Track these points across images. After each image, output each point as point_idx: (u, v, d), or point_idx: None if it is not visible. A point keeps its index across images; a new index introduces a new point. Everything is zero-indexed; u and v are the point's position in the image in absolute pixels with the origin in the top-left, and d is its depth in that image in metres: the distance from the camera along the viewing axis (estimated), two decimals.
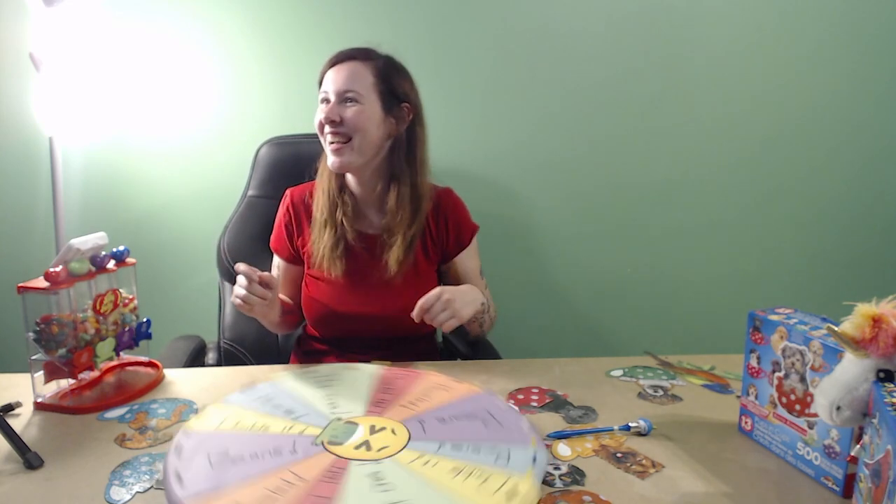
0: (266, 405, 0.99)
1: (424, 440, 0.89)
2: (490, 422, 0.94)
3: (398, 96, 1.30)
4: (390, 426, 0.93)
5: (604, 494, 0.81)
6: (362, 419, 0.95)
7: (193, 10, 1.79)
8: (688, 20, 1.86)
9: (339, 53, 1.31)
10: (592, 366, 1.22)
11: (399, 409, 0.98)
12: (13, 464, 0.86)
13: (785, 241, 2.02)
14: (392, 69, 1.32)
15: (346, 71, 1.28)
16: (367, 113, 1.26)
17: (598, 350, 2.03)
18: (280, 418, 0.95)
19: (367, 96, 1.27)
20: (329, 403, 1.00)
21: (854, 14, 1.88)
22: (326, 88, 1.29)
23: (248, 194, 1.61)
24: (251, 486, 0.79)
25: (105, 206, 1.87)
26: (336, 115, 1.25)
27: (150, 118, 1.84)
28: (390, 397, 1.02)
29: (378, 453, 0.86)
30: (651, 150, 1.94)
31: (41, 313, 1.02)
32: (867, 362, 0.72)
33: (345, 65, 1.29)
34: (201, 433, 0.90)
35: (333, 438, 0.90)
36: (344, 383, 1.07)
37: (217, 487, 0.78)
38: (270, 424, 0.93)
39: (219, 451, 0.86)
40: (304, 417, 0.96)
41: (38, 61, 1.68)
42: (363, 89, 1.26)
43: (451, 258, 1.39)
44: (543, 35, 1.86)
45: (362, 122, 1.25)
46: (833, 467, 0.82)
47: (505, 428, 0.93)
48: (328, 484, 0.79)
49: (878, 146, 1.98)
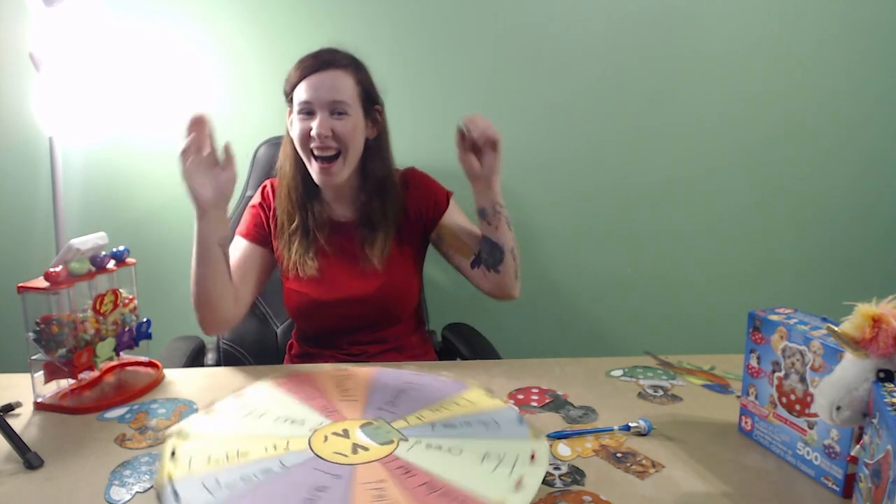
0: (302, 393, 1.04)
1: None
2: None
3: (373, 100, 1.29)
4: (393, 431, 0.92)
5: (604, 494, 0.81)
6: (342, 424, 0.93)
7: (193, 10, 1.79)
8: (688, 20, 1.86)
9: (315, 60, 1.24)
10: (592, 366, 1.22)
11: (344, 405, 0.99)
12: (13, 464, 0.86)
13: (785, 241, 2.02)
14: (365, 72, 1.29)
15: (331, 81, 1.22)
16: (356, 123, 1.24)
17: (598, 350, 2.03)
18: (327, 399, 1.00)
19: (354, 106, 1.24)
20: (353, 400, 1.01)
21: (854, 14, 1.88)
22: (308, 98, 1.22)
23: (246, 194, 1.61)
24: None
25: (105, 206, 1.87)
26: (328, 129, 1.21)
27: (150, 118, 1.84)
28: (323, 402, 1.00)
29: (356, 457, 0.85)
30: (651, 149, 1.94)
31: (41, 313, 1.02)
32: (867, 362, 0.72)
33: (327, 73, 1.22)
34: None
35: (371, 434, 0.90)
36: (273, 406, 1.02)
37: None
38: None
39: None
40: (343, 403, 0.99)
41: (38, 61, 1.68)
42: (350, 98, 1.23)
43: (435, 225, 1.36)
44: (543, 35, 1.86)
45: (353, 134, 1.23)
46: (833, 467, 0.82)
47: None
48: (410, 478, 0.80)
49: (877, 146, 1.98)
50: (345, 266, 1.30)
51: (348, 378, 1.10)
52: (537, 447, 0.85)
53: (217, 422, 0.95)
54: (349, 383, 1.08)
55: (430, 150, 1.82)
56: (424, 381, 1.07)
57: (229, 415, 0.97)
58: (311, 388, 1.06)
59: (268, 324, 1.57)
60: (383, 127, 1.32)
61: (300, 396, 1.03)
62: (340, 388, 1.06)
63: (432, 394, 1.03)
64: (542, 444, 0.86)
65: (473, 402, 1.00)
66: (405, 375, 1.10)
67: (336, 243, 1.31)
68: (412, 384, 1.06)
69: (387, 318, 1.33)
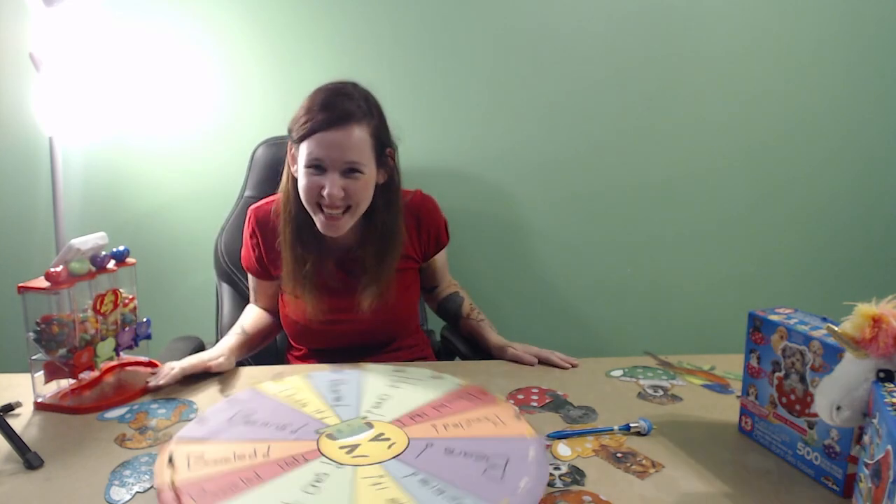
0: (328, 388, 1.05)
1: (405, 463, 0.85)
2: (495, 471, 0.83)
3: (385, 144, 1.21)
4: (396, 439, 0.90)
5: (604, 494, 0.81)
6: (383, 425, 0.94)
7: (193, 10, 1.79)
8: (688, 20, 1.86)
9: (328, 115, 1.12)
10: (592, 366, 1.22)
11: (427, 426, 0.94)
12: (13, 464, 0.86)
13: (785, 241, 2.02)
14: (379, 117, 1.20)
15: (345, 139, 1.13)
16: (369, 180, 1.17)
17: (598, 350, 2.02)
18: (322, 401, 1.01)
19: (368, 163, 1.16)
20: (376, 403, 1.01)
21: (854, 14, 1.88)
22: (320, 157, 1.13)
23: (244, 195, 1.61)
24: (228, 444, 0.86)
25: (105, 206, 1.87)
26: (341, 191, 1.13)
27: (150, 118, 1.84)
28: (435, 414, 0.97)
29: (352, 458, 0.85)
30: (651, 150, 1.94)
31: (41, 313, 1.02)
32: (867, 362, 0.72)
33: (342, 131, 1.12)
34: (259, 393, 1.03)
35: (336, 433, 0.90)
36: (412, 389, 1.06)
37: (208, 437, 0.87)
38: (310, 402, 1.00)
39: (245, 412, 0.96)
40: (340, 408, 0.98)
41: (38, 61, 1.68)
42: (365, 158, 1.15)
43: (430, 258, 1.39)
44: (543, 35, 1.86)
45: (365, 191, 1.17)
46: (833, 467, 0.82)
47: (499, 482, 0.81)
48: (277, 468, 0.82)
49: (877, 146, 1.97)
50: (344, 297, 1.27)
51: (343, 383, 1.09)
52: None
53: (205, 428, 0.94)
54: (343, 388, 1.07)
55: (429, 150, 1.82)
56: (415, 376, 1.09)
57: (216, 421, 0.96)
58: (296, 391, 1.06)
59: None
60: (394, 170, 1.24)
61: (285, 400, 1.03)
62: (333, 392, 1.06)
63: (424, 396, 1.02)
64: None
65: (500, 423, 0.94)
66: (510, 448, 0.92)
67: (336, 274, 1.28)
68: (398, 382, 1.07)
69: (386, 341, 1.35)
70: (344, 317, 1.28)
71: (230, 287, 1.57)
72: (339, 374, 1.12)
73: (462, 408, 1.00)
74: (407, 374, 1.13)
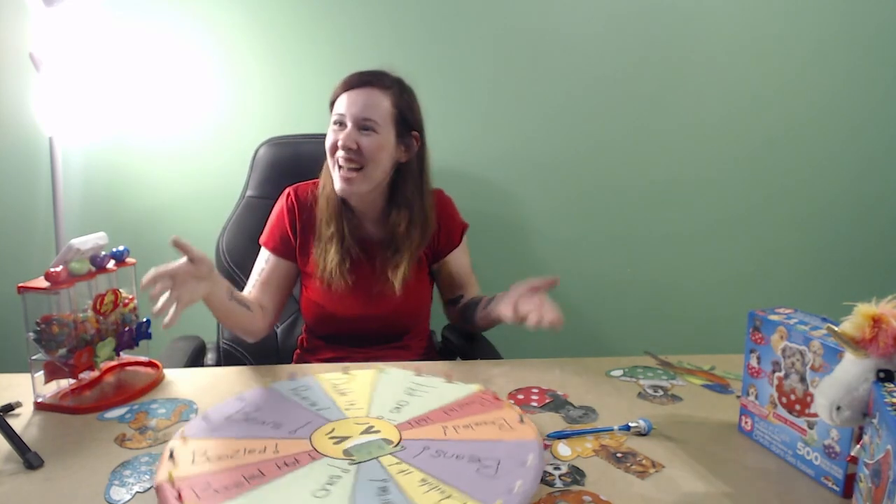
0: (337, 391, 1.05)
1: (411, 446, 0.87)
2: (487, 471, 0.83)
3: (410, 125, 1.31)
4: (393, 439, 0.90)
5: (604, 494, 0.81)
6: (389, 428, 0.93)
7: (193, 10, 1.79)
8: (688, 20, 1.86)
9: (356, 77, 1.29)
10: (592, 366, 1.22)
11: (431, 427, 0.94)
12: (13, 464, 0.86)
13: (785, 241, 2.02)
14: (406, 97, 1.31)
15: (365, 97, 1.26)
16: (383, 142, 1.26)
17: (598, 350, 2.03)
18: (336, 405, 1.00)
19: (384, 125, 1.26)
20: (394, 408, 0.99)
21: (854, 14, 1.88)
22: (342, 111, 1.27)
23: (246, 195, 1.61)
24: (234, 441, 0.87)
25: (105, 206, 1.87)
26: (353, 143, 1.24)
27: (150, 118, 1.84)
28: (443, 418, 0.97)
29: None
30: (651, 150, 1.94)
31: (41, 313, 1.02)
32: (867, 362, 0.72)
33: (363, 90, 1.27)
34: (270, 390, 1.04)
35: (356, 452, 0.87)
36: (427, 395, 1.04)
37: (211, 435, 0.89)
38: (320, 404, 1.00)
39: (253, 407, 0.98)
40: (352, 410, 0.98)
41: (38, 61, 1.68)
42: (380, 118, 1.25)
43: (441, 257, 1.41)
44: (543, 35, 1.86)
45: (377, 151, 1.25)
46: (833, 467, 0.82)
47: (491, 480, 0.81)
48: (278, 468, 0.82)
49: (877, 147, 1.98)
50: (365, 284, 1.33)
51: (346, 382, 1.09)
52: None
53: (212, 427, 0.94)
54: (349, 387, 1.07)
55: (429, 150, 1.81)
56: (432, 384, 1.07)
57: (224, 419, 0.96)
58: (311, 392, 1.06)
59: None
60: (419, 153, 1.33)
61: (297, 400, 1.03)
62: (341, 392, 1.05)
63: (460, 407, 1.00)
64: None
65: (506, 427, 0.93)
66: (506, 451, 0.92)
67: (360, 260, 1.33)
68: (414, 389, 1.05)
69: (399, 333, 1.38)
70: (365, 299, 1.32)
71: None
72: (351, 375, 1.11)
73: (471, 412, 0.99)
74: (423, 381, 1.10)
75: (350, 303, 1.32)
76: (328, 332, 1.38)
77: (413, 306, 1.38)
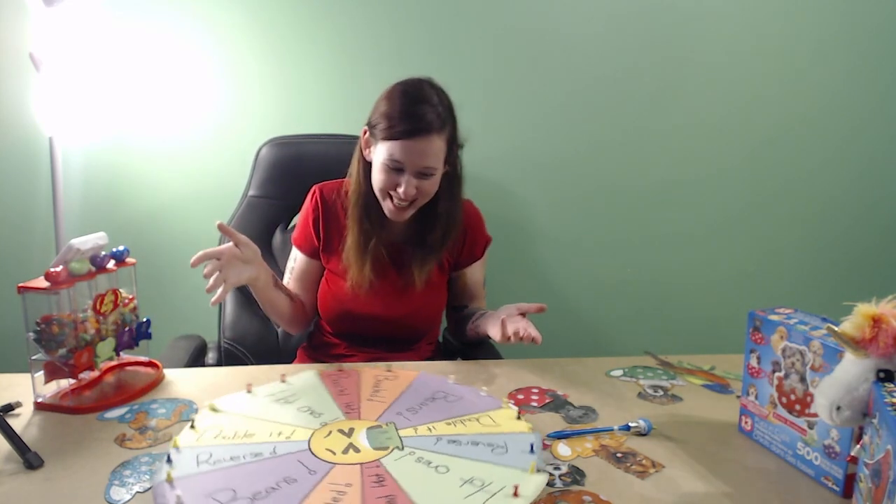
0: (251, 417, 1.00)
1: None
2: (452, 397, 1.03)
3: (456, 143, 1.30)
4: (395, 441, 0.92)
5: (604, 494, 0.81)
6: (353, 422, 0.95)
7: (193, 10, 1.79)
8: (688, 20, 1.86)
9: (413, 124, 1.20)
10: (592, 366, 1.22)
11: (368, 405, 1.01)
12: (13, 464, 0.86)
13: (785, 241, 2.02)
14: (454, 123, 1.28)
15: (424, 147, 1.21)
16: (439, 178, 1.27)
17: (598, 350, 2.03)
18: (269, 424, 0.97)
19: (440, 166, 1.26)
20: (312, 412, 1.00)
21: (854, 14, 1.88)
22: (399, 159, 1.21)
23: (248, 195, 1.61)
24: None
25: (105, 206, 1.87)
26: (413, 190, 1.23)
27: (151, 118, 1.84)
28: (350, 399, 1.03)
29: (348, 457, 0.86)
30: (651, 150, 1.94)
31: (41, 313, 1.01)
32: (867, 362, 0.72)
33: (421, 140, 1.20)
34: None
35: (373, 440, 0.91)
36: (306, 395, 1.06)
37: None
38: (257, 432, 0.94)
39: None
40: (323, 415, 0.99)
41: (38, 61, 1.68)
42: (438, 162, 1.24)
43: (461, 268, 1.42)
44: (543, 35, 1.86)
45: (434, 188, 1.27)
46: (833, 467, 0.82)
47: (470, 399, 1.02)
48: (378, 487, 0.80)
49: (877, 147, 1.98)
50: (387, 283, 1.34)
51: (387, 378, 1.11)
52: (526, 482, 0.80)
53: (248, 402, 1.02)
54: (386, 384, 1.09)
55: None
56: (461, 394, 1.06)
57: (262, 397, 1.04)
58: (349, 383, 1.09)
59: (268, 324, 1.57)
60: (458, 164, 1.33)
61: (334, 390, 1.06)
62: (375, 388, 1.07)
63: (460, 407, 1.01)
64: (535, 479, 0.81)
65: (496, 423, 0.96)
66: (445, 385, 1.09)
67: (384, 260, 1.33)
68: (446, 394, 1.06)
69: (413, 337, 1.39)
70: (385, 298, 1.33)
71: None
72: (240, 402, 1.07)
73: (353, 383, 1.08)
74: (290, 388, 1.09)
75: (369, 301, 1.33)
76: (342, 329, 1.38)
77: (430, 310, 1.39)
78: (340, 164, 1.37)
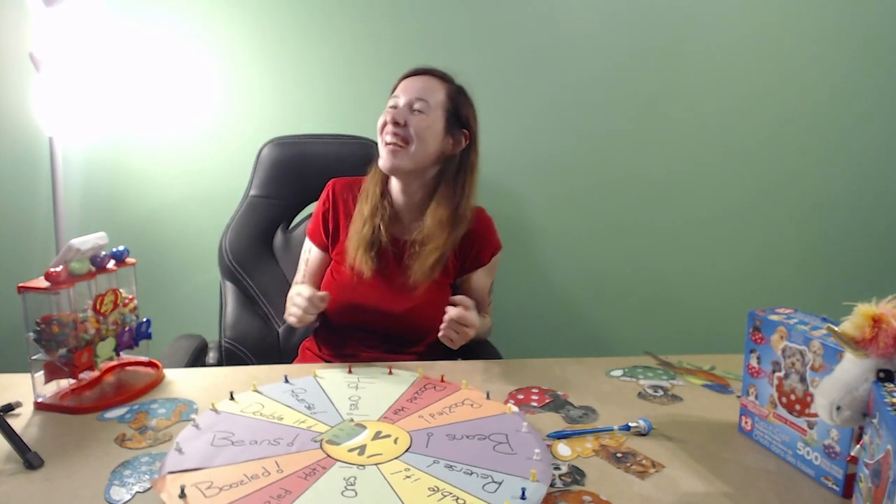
0: (293, 398, 1.04)
1: (422, 454, 0.88)
2: (502, 446, 0.89)
3: (461, 121, 1.36)
4: (396, 435, 0.92)
5: (604, 494, 0.81)
6: (373, 423, 0.95)
7: (193, 10, 1.79)
8: (687, 18, 1.86)
9: (419, 68, 1.38)
10: (592, 366, 1.22)
11: (415, 419, 0.98)
12: (13, 464, 0.86)
13: (785, 240, 2.02)
14: (462, 96, 1.38)
15: (421, 83, 1.34)
16: (430, 124, 1.31)
17: (598, 350, 2.03)
18: (298, 412, 0.99)
19: (434, 111, 1.32)
20: (351, 405, 1.02)
21: (854, 14, 1.88)
22: (398, 94, 1.34)
23: (250, 194, 1.61)
24: (232, 468, 0.83)
25: (105, 206, 1.87)
26: (402, 118, 1.30)
27: (151, 118, 1.84)
28: (413, 406, 1.02)
29: (367, 458, 0.86)
30: (650, 148, 1.94)
31: (41, 313, 1.02)
32: (867, 362, 0.72)
33: (421, 77, 1.36)
34: (221, 413, 0.98)
35: (334, 438, 0.91)
36: (375, 387, 1.08)
37: (202, 465, 0.83)
38: (285, 414, 0.98)
39: (225, 433, 0.92)
40: (319, 415, 0.98)
41: (38, 61, 1.68)
42: (432, 103, 1.32)
43: (468, 272, 1.42)
44: (542, 33, 1.86)
45: (423, 131, 1.30)
46: (833, 467, 0.82)
47: (513, 455, 0.87)
48: (300, 480, 0.81)
49: (877, 146, 1.98)
50: (389, 276, 1.34)
51: (469, 405, 1.04)
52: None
53: (284, 391, 1.06)
54: (461, 410, 1.02)
55: None
56: (516, 448, 0.91)
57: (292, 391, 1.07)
58: (431, 395, 1.06)
59: (269, 324, 1.57)
60: (467, 152, 1.37)
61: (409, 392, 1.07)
62: (450, 407, 1.03)
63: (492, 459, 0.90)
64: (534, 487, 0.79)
65: (477, 405, 0.97)
66: (513, 426, 0.96)
67: (388, 252, 1.35)
68: (498, 444, 0.92)
69: (413, 338, 1.37)
70: (386, 291, 1.33)
71: (234, 286, 1.57)
72: (291, 384, 1.10)
73: (435, 397, 1.05)
74: (362, 374, 1.15)
75: (370, 292, 1.33)
76: (343, 321, 1.37)
77: (431, 311, 1.35)
78: (342, 163, 1.37)
